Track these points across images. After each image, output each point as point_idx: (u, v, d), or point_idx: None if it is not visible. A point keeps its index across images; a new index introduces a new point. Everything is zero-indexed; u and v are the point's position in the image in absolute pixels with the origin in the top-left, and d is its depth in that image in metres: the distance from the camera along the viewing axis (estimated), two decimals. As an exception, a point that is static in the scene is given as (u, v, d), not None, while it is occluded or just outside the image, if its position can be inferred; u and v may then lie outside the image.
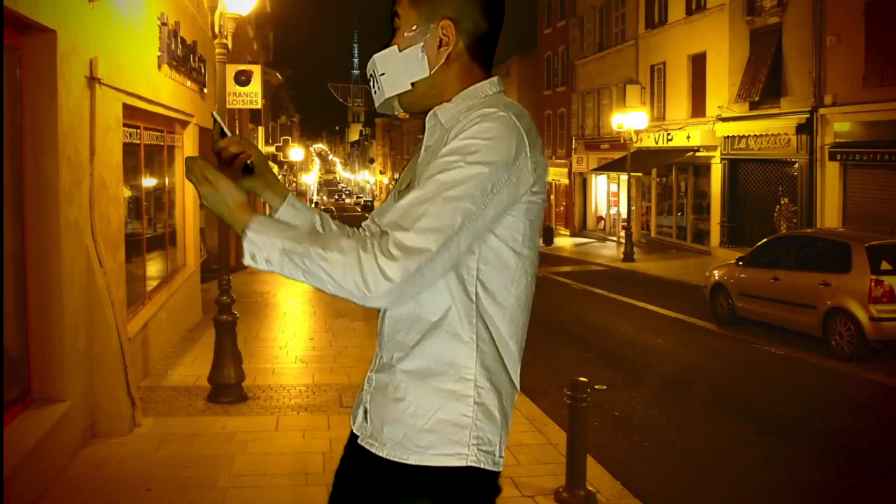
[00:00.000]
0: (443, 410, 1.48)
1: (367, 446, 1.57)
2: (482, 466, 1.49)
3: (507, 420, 1.56)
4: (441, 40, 1.57)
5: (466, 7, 1.57)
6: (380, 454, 1.53)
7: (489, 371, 1.51)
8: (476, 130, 1.43)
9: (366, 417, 1.59)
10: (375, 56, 1.63)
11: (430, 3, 1.58)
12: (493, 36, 1.62)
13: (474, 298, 1.49)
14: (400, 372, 1.53)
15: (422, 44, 1.58)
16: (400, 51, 1.59)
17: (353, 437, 1.65)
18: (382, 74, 1.62)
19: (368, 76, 1.66)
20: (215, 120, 1.62)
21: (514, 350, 1.56)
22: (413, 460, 1.49)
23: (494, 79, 1.62)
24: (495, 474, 1.54)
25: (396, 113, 1.70)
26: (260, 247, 1.41)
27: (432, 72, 1.58)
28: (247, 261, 1.43)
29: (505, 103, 1.52)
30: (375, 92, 1.65)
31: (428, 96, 1.62)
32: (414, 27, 1.58)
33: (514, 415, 1.62)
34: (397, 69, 1.60)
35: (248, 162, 1.65)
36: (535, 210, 1.52)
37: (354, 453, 1.61)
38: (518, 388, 1.59)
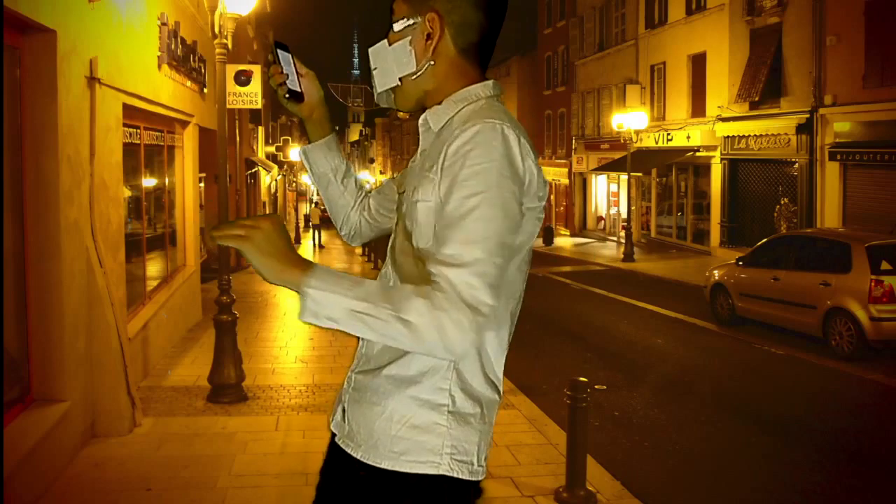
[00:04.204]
0: (417, 418, 1.46)
1: (343, 446, 1.56)
2: (456, 475, 1.46)
3: (489, 427, 1.53)
4: (428, 34, 1.51)
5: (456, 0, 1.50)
6: (355, 455, 1.52)
7: (466, 381, 1.47)
8: (475, 155, 1.34)
9: (343, 417, 1.59)
10: (370, 49, 1.60)
11: None
12: (490, 35, 1.54)
13: None
14: (383, 377, 1.50)
15: (409, 37, 1.53)
16: (389, 44, 1.55)
17: (335, 436, 1.64)
18: (375, 68, 1.59)
19: (371, 70, 1.63)
20: (272, 47, 1.64)
21: (497, 357, 1.52)
22: (385, 465, 1.47)
23: (490, 82, 1.54)
24: (475, 483, 1.50)
25: (395, 108, 1.66)
26: (323, 305, 1.30)
27: (419, 67, 1.53)
28: (306, 318, 1.31)
29: (498, 111, 1.44)
30: (372, 86, 1.62)
31: (418, 95, 1.57)
32: (403, 20, 1.54)
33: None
34: (387, 63, 1.56)
35: (292, 90, 1.65)
36: (534, 223, 1.46)
37: (337, 452, 1.60)
38: (501, 394, 1.56)
